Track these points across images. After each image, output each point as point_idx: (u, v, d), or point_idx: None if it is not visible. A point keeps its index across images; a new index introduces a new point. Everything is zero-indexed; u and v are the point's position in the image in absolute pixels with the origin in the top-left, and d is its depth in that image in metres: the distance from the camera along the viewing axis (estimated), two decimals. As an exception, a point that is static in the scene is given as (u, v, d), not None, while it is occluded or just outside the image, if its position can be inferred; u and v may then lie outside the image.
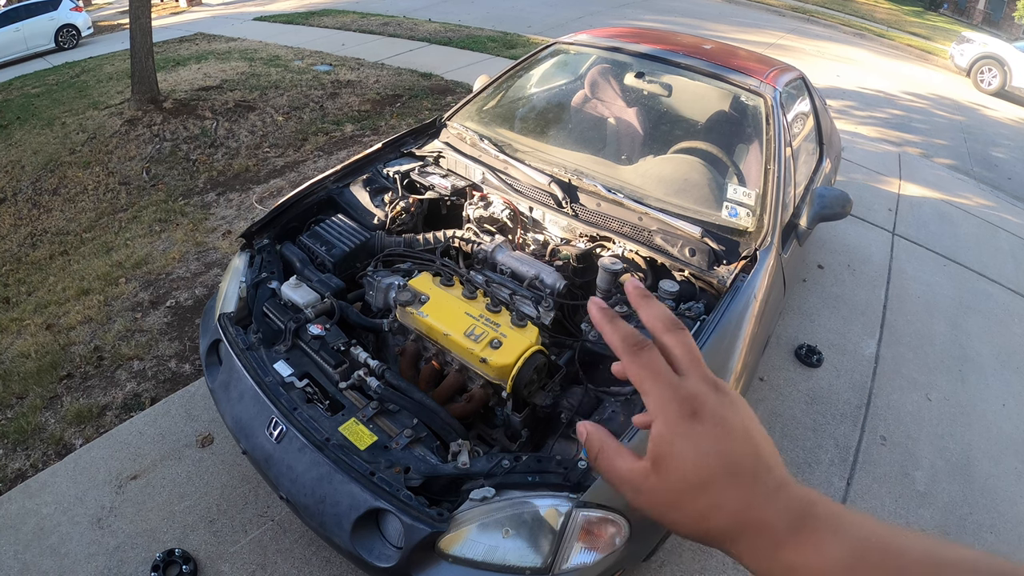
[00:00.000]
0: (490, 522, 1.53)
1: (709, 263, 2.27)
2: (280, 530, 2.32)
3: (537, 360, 1.89)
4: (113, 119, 6.62)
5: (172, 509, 2.41)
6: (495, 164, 2.74)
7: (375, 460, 1.66)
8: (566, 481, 1.57)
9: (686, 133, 3.07)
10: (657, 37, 3.38)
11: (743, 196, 2.45)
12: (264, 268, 2.34)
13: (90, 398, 2.97)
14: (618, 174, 2.68)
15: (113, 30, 14.46)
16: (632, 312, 2.10)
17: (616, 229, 2.43)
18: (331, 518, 1.61)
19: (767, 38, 11.73)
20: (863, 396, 3.28)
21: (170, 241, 4.40)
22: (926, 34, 17.16)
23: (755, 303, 2.13)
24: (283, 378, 1.92)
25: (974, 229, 5.55)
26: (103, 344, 3.32)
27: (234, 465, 2.56)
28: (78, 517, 2.38)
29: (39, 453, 2.70)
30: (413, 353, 2.12)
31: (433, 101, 6.91)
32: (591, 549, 1.55)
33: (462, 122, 3.05)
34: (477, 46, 9.16)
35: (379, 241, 2.55)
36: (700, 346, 1.84)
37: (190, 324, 3.45)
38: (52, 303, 3.86)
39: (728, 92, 3.02)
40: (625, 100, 3.13)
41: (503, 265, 2.39)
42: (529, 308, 2.17)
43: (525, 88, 3.46)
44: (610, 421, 1.79)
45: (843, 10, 18.07)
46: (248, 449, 1.85)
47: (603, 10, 12.75)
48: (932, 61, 13.73)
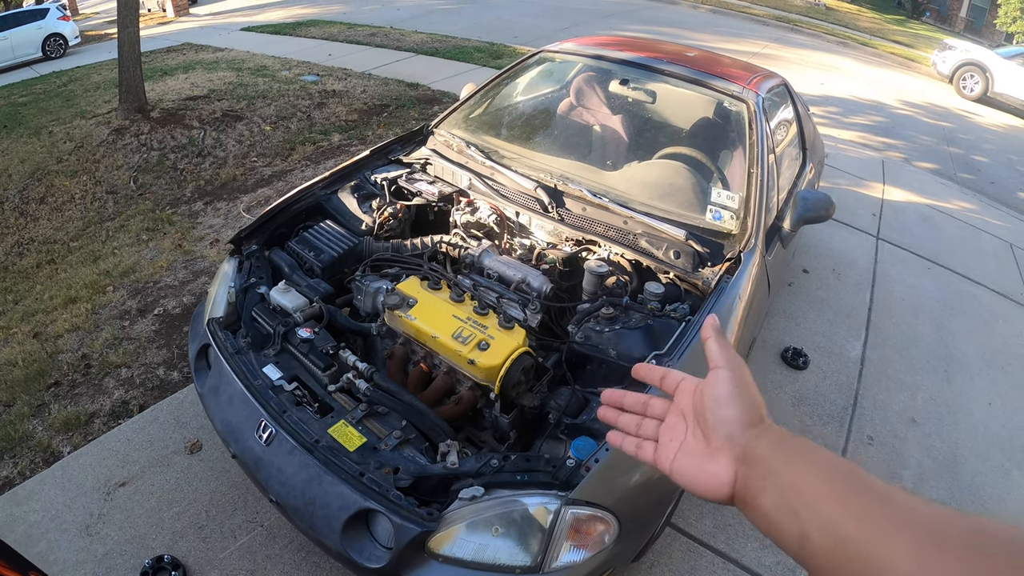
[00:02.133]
0: (479, 521, 1.55)
1: (694, 265, 2.30)
2: (269, 536, 2.32)
3: (525, 361, 1.91)
4: (100, 128, 6.61)
5: (161, 516, 2.40)
6: (482, 170, 2.76)
7: (365, 461, 1.67)
8: (555, 479, 1.58)
9: (670, 139, 3.11)
10: (642, 45, 3.42)
11: (727, 199, 2.49)
12: (253, 273, 2.35)
13: (78, 406, 2.96)
14: (603, 179, 2.71)
15: (100, 40, 14.42)
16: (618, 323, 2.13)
17: (602, 233, 2.46)
18: (321, 519, 1.62)
19: (751, 47, 11.85)
20: (849, 397, 3.32)
21: (158, 250, 4.39)
22: (909, 42, 17.39)
23: (740, 304, 2.16)
24: (272, 381, 1.92)
25: (957, 232, 5.63)
26: (91, 352, 3.31)
27: (223, 471, 2.56)
28: (66, 524, 2.37)
29: (27, 460, 2.69)
30: (401, 356, 2.13)
31: (420, 111, 6.94)
32: (580, 547, 1.57)
33: (449, 129, 3.07)
34: (463, 56, 9.21)
35: (367, 246, 2.57)
36: (687, 346, 1.87)
37: (178, 332, 3.45)
38: (39, 311, 3.84)
39: (712, 98, 3.06)
40: (610, 107, 3.17)
41: (490, 269, 2.41)
42: (516, 311, 2.19)
43: (512, 96, 3.49)
44: (597, 420, 1.81)
45: (826, 19, 18.29)
46: (238, 452, 1.86)
47: (588, 21, 12.86)
48: (915, 68, 13.92)
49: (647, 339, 2.00)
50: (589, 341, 2.06)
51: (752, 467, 0.61)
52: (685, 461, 0.68)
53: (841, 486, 0.55)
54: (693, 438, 0.68)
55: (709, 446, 0.65)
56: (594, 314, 2.14)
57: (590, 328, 2.09)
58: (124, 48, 6.39)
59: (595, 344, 2.04)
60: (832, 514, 0.53)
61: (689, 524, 2.50)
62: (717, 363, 0.68)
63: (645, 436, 0.74)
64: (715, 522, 2.52)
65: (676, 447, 0.69)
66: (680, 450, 0.69)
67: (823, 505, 0.54)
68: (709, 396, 0.66)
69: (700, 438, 0.67)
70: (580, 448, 1.67)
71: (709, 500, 0.66)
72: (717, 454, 0.64)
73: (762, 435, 0.63)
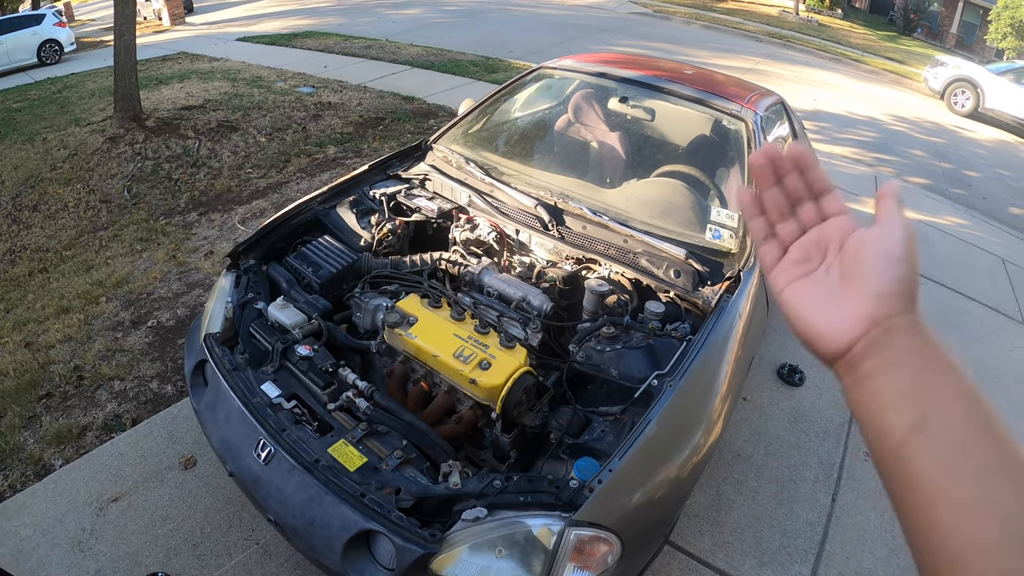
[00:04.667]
0: (482, 542, 1.54)
1: (694, 284, 2.31)
2: (265, 554, 2.30)
3: (526, 381, 1.90)
4: (95, 136, 6.57)
5: (155, 532, 2.37)
6: (481, 187, 2.76)
7: (365, 481, 1.66)
8: (558, 500, 1.58)
9: (668, 157, 3.12)
10: (640, 63, 3.44)
11: (726, 218, 2.50)
12: (250, 288, 2.34)
13: (70, 418, 2.92)
14: (602, 197, 2.72)
15: (96, 47, 14.39)
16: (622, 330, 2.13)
17: (602, 251, 2.46)
18: (321, 540, 1.60)
19: (744, 63, 11.95)
20: (845, 413, 3.32)
21: (151, 260, 4.36)
22: (900, 58, 17.58)
23: (740, 323, 2.16)
24: (271, 399, 1.91)
25: (950, 247, 5.67)
26: (83, 363, 3.28)
27: (218, 488, 2.54)
28: (58, 540, 2.34)
29: (17, 473, 2.66)
30: (401, 374, 2.12)
31: (416, 124, 6.95)
32: (583, 568, 1.56)
33: (448, 145, 3.07)
34: (459, 70, 9.23)
35: (366, 263, 2.56)
36: (688, 365, 1.87)
37: (172, 344, 3.42)
38: (31, 321, 3.80)
39: (710, 116, 3.08)
40: (608, 124, 3.18)
41: (490, 287, 2.41)
42: (517, 330, 2.19)
43: (510, 112, 3.50)
44: (599, 440, 1.81)
45: (818, 35, 18.46)
46: (235, 471, 1.84)
47: (583, 36, 12.93)
48: (907, 85, 14.06)
49: (649, 359, 2.00)
50: (590, 360, 2.06)
51: (889, 335, 0.53)
52: (808, 289, 0.59)
53: (976, 419, 0.47)
54: (827, 273, 0.59)
55: (849, 292, 0.56)
56: (595, 333, 2.14)
57: (591, 347, 2.09)
58: (120, 56, 6.37)
59: (596, 363, 2.04)
60: (960, 436, 0.47)
61: (688, 542, 2.49)
62: (895, 222, 0.56)
63: (780, 233, 0.64)
64: (714, 540, 2.51)
65: (802, 272, 0.61)
66: (807, 277, 0.60)
67: (950, 415, 0.47)
68: (878, 247, 0.56)
69: (838, 277, 0.58)
70: (583, 469, 1.66)
71: (810, 344, 0.59)
72: (855, 304, 0.55)
73: (913, 316, 0.54)
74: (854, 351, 0.54)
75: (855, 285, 0.56)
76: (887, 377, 0.51)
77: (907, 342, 0.52)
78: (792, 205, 0.63)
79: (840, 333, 0.55)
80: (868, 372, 0.53)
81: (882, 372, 0.52)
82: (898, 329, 0.53)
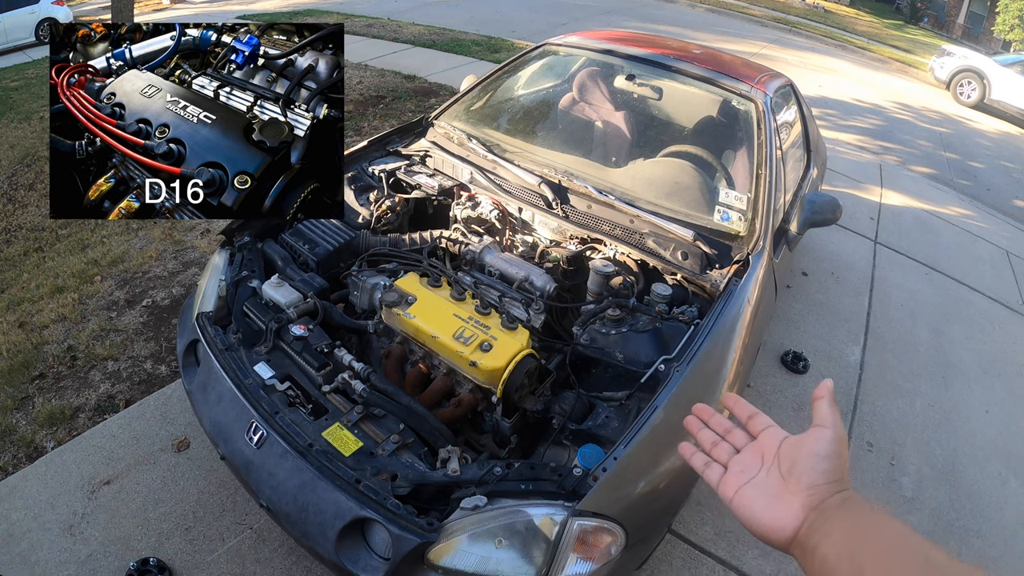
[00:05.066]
0: (482, 532, 1.47)
1: (702, 267, 2.25)
2: (259, 539, 2.25)
3: (528, 364, 1.84)
4: (90, 115, 6.48)
5: (147, 516, 2.32)
6: (483, 164, 2.69)
7: (361, 467, 1.59)
8: (561, 489, 1.51)
9: (675, 137, 3.05)
10: (647, 41, 3.36)
11: (735, 200, 2.43)
12: (245, 266, 2.25)
13: (63, 399, 2.87)
14: (608, 176, 2.65)
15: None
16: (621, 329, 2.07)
17: (607, 231, 2.40)
18: (314, 527, 1.55)
19: (750, 48, 11.82)
20: (849, 402, 3.28)
21: (147, 239, 4.29)
22: (907, 47, 17.43)
23: (748, 308, 2.10)
24: (264, 380, 1.84)
25: (954, 238, 5.61)
26: (77, 344, 3.21)
27: (211, 471, 2.48)
28: (49, 523, 2.29)
29: (9, 456, 2.60)
30: (399, 356, 2.05)
31: (416, 103, 6.85)
32: (586, 559, 1.50)
33: (449, 121, 2.99)
34: (461, 49, 9.11)
35: (364, 240, 2.49)
36: (696, 350, 1.81)
37: (166, 324, 3.36)
38: (25, 300, 3.74)
39: (718, 96, 3.00)
40: (613, 103, 3.10)
41: (492, 267, 2.34)
42: (519, 311, 2.12)
43: (513, 89, 3.42)
44: (604, 427, 1.75)
45: (824, 22, 18.29)
46: (227, 454, 1.78)
47: (586, 16, 12.77)
48: (912, 74, 13.95)
49: (655, 343, 1.94)
50: (595, 343, 1.99)
51: (824, 515, 0.66)
52: (753, 494, 0.72)
53: (911, 560, 0.59)
54: (767, 476, 0.72)
55: (786, 489, 0.70)
56: (600, 315, 2.07)
57: (596, 330, 2.02)
58: (116, 33, 6.27)
59: (601, 347, 1.98)
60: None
61: (690, 531, 2.44)
62: (824, 423, 0.72)
63: (717, 458, 0.79)
64: (716, 529, 2.46)
65: (745, 480, 0.74)
66: (750, 483, 0.73)
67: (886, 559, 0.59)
68: (808, 450, 0.71)
69: (776, 479, 0.71)
70: (587, 456, 1.60)
71: (763, 538, 0.70)
72: (792, 497, 0.69)
73: (843, 494, 0.68)
74: (799, 535, 0.67)
75: (791, 481, 0.70)
76: (827, 544, 0.64)
77: (839, 513, 0.66)
78: (724, 433, 0.81)
79: (786, 524, 0.68)
80: (813, 546, 0.65)
81: (823, 542, 0.64)
82: (831, 508, 0.67)
